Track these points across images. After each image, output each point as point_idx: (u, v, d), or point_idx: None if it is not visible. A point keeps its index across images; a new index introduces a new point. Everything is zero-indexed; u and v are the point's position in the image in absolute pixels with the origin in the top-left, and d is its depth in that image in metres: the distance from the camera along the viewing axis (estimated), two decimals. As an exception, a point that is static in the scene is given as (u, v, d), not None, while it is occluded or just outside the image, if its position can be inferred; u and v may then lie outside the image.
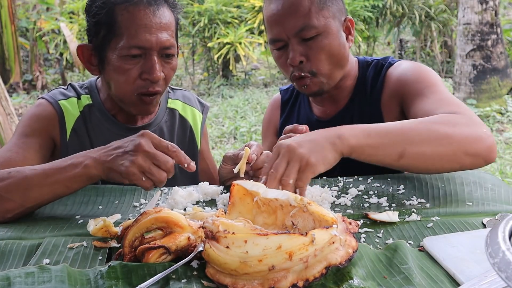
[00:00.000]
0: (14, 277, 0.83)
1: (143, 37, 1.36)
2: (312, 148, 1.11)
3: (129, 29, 1.36)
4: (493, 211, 1.10)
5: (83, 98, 1.55)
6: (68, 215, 1.21)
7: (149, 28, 1.36)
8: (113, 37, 1.37)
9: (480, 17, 6.38)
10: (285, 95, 1.79)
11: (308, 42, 1.43)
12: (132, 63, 1.38)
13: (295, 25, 1.42)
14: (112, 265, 0.87)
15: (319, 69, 1.45)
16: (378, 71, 1.55)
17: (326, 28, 1.43)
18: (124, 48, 1.36)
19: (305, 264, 0.79)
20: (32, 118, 1.48)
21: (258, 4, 8.38)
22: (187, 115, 1.69)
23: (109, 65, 1.40)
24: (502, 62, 6.48)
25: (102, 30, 1.39)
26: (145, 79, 1.39)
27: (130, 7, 1.37)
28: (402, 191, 1.24)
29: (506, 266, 0.57)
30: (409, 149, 1.14)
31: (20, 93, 8.80)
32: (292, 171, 1.08)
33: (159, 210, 0.95)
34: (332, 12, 1.45)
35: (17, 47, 9.06)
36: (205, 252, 0.83)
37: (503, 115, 5.94)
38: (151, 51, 1.37)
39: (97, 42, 1.41)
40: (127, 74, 1.38)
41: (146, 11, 1.37)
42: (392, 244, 0.93)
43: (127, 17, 1.37)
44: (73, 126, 1.51)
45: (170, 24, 1.42)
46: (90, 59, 1.46)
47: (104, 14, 1.38)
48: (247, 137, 5.58)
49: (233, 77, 8.87)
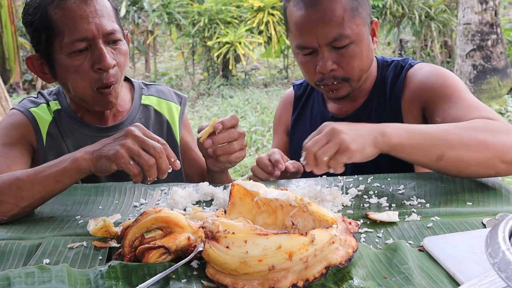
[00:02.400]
0: (14, 277, 0.83)
1: (82, 28, 1.34)
2: (355, 137, 1.13)
3: (67, 25, 1.35)
4: (493, 211, 1.10)
5: (51, 104, 1.55)
6: (68, 215, 1.21)
7: (86, 18, 1.35)
8: (55, 38, 1.36)
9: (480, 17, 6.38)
10: (299, 90, 1.77)
11: (340, 50, 1.42)
12: (81, 58, 1.37)
13: (329, 35, 1.39)
14: (112, 265, 0.87)
15: (352, 75, 1.45)
16: (398, 72, 1.55)
17: (358, 37, 1.42)
18: (67, 45, 1.35)
19: (305, 264, 0.79)
20: (7, 128, 1.48)
21: (258, 4, 8.38)
22: (162, 110, 1.66)
23: (60, 67, 1.39)
24: (502, 62, 6.48)
25: (42, 34, 1.39)
26: (98, 69, 1.37)
27: (61, 3, 1.36)
28: (402, 191, 1.24)
29: (506, 266, 0.57)
30: (448, 152, 1.16)
31: (20, 93, 8.80)
32: (330, 150, 1.12)
33: (159, 210, 0.95)
34: (363, 18, 1.44)
35: (17, 47, 9.05)
36: (205, 252, 0.83)
37: (503, 115, 5.94)
38: (95, 40, 1.36)
39: (42, 48, 1.41)
40: (79, 70, 1.37)
41: (77, 3, 1.36)
42: (392, 244, 0.93)
43: (61, 14, 1.35)
44: (47, 130, 1.51)
45: (107, 9, 1.40)
46: (42, 68, 1.46)
47: (38, 18, 1.37)
48: (247, 137, 5.58)
49: (233, 77, 8.87)
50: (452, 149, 1.16)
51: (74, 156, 1.18)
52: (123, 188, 1.34)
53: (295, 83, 1.81)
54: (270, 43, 8.61)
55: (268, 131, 5.73)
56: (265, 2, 8.37)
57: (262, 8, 8.41)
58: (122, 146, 1.13)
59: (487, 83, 6.42)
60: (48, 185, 1.18)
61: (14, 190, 1.17)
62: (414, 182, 1.28)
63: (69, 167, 1.17)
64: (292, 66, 9.32)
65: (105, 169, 1.15)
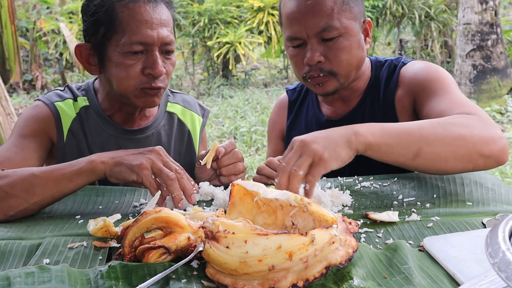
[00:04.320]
0: (14, 277, 0.83)
1: (145, 33, 1.36)
2: (327, 144, 1.10)
3: (130, 25, 1.36)
4: (493, 211, 1.10)
5: (79, 100, 1.55)
6: (68, 215, 1.21)
7: (150, 24, 1.37)
8: (114, 34, 1.38)
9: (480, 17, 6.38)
10: (292, 95, 1.76)
11: (328, 42, 1.42)
12: (134, 59, 1.38)
13: (317, 25, 1.40)
14: (112, 265, 0.87)
15: (338, 69, 1.44)
16: (391, 72, 1.54)
17: (347, 30, 1.42)
18: (126, 44, 1.37)
19: (305, 264, 0.79)
20: (29, 120, 1.48)
21: (258, 4, 8.38)
22: (186, 120, 1.67)
23: (110, 62, 1.40)
24: (502, 62, 6.49)
25: (101, 28, 1.39)
26: (148, 74, 1.39)
27: (130, 3, 1.38)
28: (402, 191, 1.24)
29: (506, 266, 0.57)
30: (425, 148, 1.14)
31: (20, 93, 8.81)
32: (303, 164, 1.08)
33: (159, 210, 0.95)
34: (354, 14, 1.44)
35: (17, 47, 9.06)
36: (205, 252, 0.83)
37: (503, 115, 5.94)
38: (153, 46, 1.38)
39: (96, 40, 1.41)
40: (130, 70, 1.38)
41: (146, 7, 1.38)
42: (392, 244, 0.93)
43: (128, 14, 1.37)
44: (69, 127, 1.51)
45: (169, 21, 1.43)
46: (89, 59, 1.46)
47: (103, 12, 1.38)
48: (247, 137, 5.58)
49: (233, 77, 8.87)
50: (429, 145, 1.14)
51: (91, 158, 1.20)
52: (123, 188, 1.34)
53: (288, 88, 1.80)
54: (270, 43, 8.61)
55: (268, 131, 5.72)
56: (265, 2, 8.38)
57: (262, 8, 8.41)
58: (148, 159, 1.17)
59: (487, 83, 6.42)
60: (61, 184, 1.19)
61: (27, 185, 1.18)
62: (414, 182, 1.28)
63: (85, 168, 1.19)
64: (292, 66, 9.32)
65: (122, 176, 1.18)
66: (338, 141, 1.11)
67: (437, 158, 1.15)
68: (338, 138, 1.12)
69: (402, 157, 1.15)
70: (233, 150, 1.39)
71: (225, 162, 1.37)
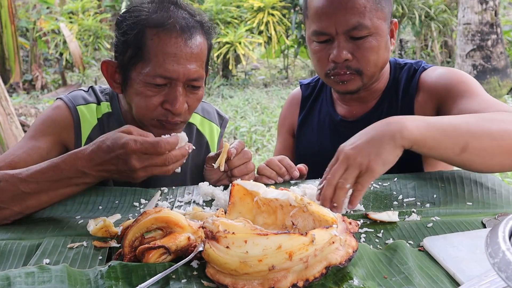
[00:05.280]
0: (14, 277, 0.83)
1: (170, 67, 1.28)
2: (371, 151, 1.07)
3: (157, 56, 1.29)
4: (493, 211, 1.10)
5: (102, 105, 1.49)
6: (68, 215, 1.21)
7: (178, 58, 1.29)
8: (140, 61, 1.30)
9: (480, 17, 6.38)
10: (306, 90, 1.72)
11: (357, 41, 1.39)
12: (155, 91, 1.31)
13: (348, 22, 1.36)
14: (112, 265, 0.87)
15: (365, 69, 1.41)
16: (411, 76, 1.51)
17: (377, 30, 1.39)
18: (149, 75, 1.29)
19: (305, 264, 0.79)
20: (46, 122, 1.43)
21: (258, 4, 8.38)
22: (204, 130, 1.62)
23: (132, 88, 1.34)
24: (502, 62, 6.49)
25: (129, 50, 1.32)
26: (166, 109, 1.32)
27: (162, 33, 1.29)
28: (402, 191, 1.24)
29: (506, 266, 0.57)
30: (473, 143, 1.11)
31: (20, 93, 8.80)
32: (350, 177, 1.07)
33: (159, 210, 0.95)
34: (385, 14, 1.41)
35: (17, 47, 9.06)
36: (205, 252, 0.83)
37: (503, 115, 5.93)
38: (177, 81, 1.31)
39: (123, 61, 1.35)
40: (149, 101, 1.31)
41: (177, 39, 1.29)
42: (392, 244, 0.93)
43: (157, 43, 1.29)
44: (89, 134, 1.45)
45: (202, 54, 1.34)
46: (114, 76, 1.40)
47: (134, 34, 1.31)
48: (247, 137, 5.58)
49: (233, 77, 8.87)
50: (476, 139, 1.11)
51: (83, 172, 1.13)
52: (123, 188, 1.34)
53: (302, 82, 1.76)
54: (270, 43, 8.61)
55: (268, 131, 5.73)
56: (265, 2, 8.38)
57: (262, 8, 8.42)
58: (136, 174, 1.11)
59: (487, 83, 6.42)
60: (54, 196, 1.16)
61: (19, 199, 1.15)
62: (414, 182, 1.28)
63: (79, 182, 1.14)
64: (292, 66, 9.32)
65: None
66: (383, 143, 1.08)
67: (484, 152, 1.12)
68: (382, 139, 1.08)
69: (449, 151, 1.12)
70: (243, 150, 1.36)
71: (236, 162, 1.33)
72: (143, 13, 1.32)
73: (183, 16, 1.33)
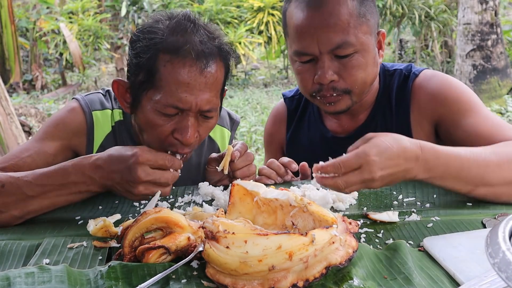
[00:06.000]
0: (14, 277, 0.83)
1: (182, 97, 1.20)
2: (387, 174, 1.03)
3: (169, 85, 1.20)
4: (493, 211, 1.10)
5: (115, 112, 1.45)
6: (68, 216, 1.21)
7: (192, 88, 1.20)
8: (151, 87, 1.22)
9: (480, 17, 6.38)
10: (291, 104, 1.61)
11: (342, 59, 1.29)
12: (165, 120, 1.23)
13: (332, 41, 1.27)
14: (112, 265, 0.87)
15: (354, 88, 1.32)
16: (402, 82, 1.43)
17: (363, 46, 1.29)
18: (160, 103, 1.21)
19: (305, 264, 0.79)
20: (58, 125, 1.40)
21: (258, 4, 8.38)
22: (216, 136, 1.58)
23: (142, 113, 1.26)
24: (502, 62, 6.49)
25: (141, 74, 1.24)
26: (176, 138, 1.24)
27: (176, 60, 1.20)
28: (402, 191, 1.24)
29: (506, 266, 0.57)
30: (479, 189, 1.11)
31: (20, 93, 8.81)
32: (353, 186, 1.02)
33: (159, 210, 0.95)
34: (370, 26, 1.31)
35: (17, 47, 9.06)
36: (205, 252, 0.83)
37: (503, 115, 5.94)
38: (189, 111, 1.22)
39: (135, 83, 1.27)
40: (159, 130, 1.24)
41: (192, 68, 1.20)
42: (392, 244, 0.93)
43: (170, 71, 1.20)
44: (102, 142, 1.42)
45: (217, 83, 1.25)
46: (125, 96, 1.32)
47: (146, 58, 1.22)
48: (247, 137, 5.59)
49: (233, 77, 8.88)
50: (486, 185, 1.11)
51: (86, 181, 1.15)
52: (123, 188, 1.34)
53: (286, 95, 1.64)
54: (270, 43, 8.62)
55: (268, 131, 5.72)
56: (265, 2, 8.38)
57: (262, 8, 8.42)
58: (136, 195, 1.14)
59: (487, 83, 6.42)
60: (57, 202, 1.17)
61: (20, 204, 1.15)
62: (414, 182, 1.28)
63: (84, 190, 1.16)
64: (292, 66, 9.31)
65: None
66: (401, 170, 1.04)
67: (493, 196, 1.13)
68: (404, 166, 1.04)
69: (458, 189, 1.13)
70: (246, 152, 1.34)
71: (239, 165, 1.32)
72: (158, 35, 1.22)
73: (200, 40, 1.23)
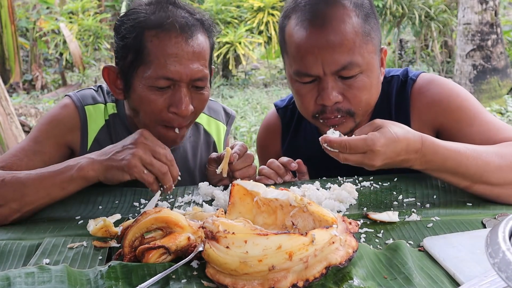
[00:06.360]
0: (14, 277, 0.83)
1: (172, 68, 1.24)
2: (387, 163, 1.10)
3: (158, 58, 1.25)
4: (493, 211, 1.10)
5: (108, 106, 1.47)
6: (68, 216, 1.21)
7: (180, 58, 1.24)
8: (141, 64, 1.27)
9: (480, 17, 6.38)
10: (284, 115, 1.55)
11: (347, 80, 1.24)
12: (159, 94, 1.27)
13: (338, 62, 1.21)
14: (112, 265, 0.87)
15: (358, 109, 1.28)
16: (400, 89, 1.40)
17: (368, 66, 1.25)
18: (151, 78, 1.25)
19: (305, 264, 0.79)
20: (52, 121, 1.41)
21: (258, 4, 8.38)
22: (211, 130, 1.59)
23: (135, 93, 1.30)
24: (502, 62, 6.49)
25: (129, 54, 1.29)
26: (173, 112, 1.28)
27: (161, 33, 1.25)
28: (402, 191, 1.24)
29: (506, 266, 0.57)
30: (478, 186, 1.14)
31: (20, 93, 8.80)
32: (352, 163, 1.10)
33: (159, 210, 0.95)
34: (375, 45, 1.27)
35: (17, 47, 9.06)
36: (205, 252, 0.83)
37: (503, 115, 5.94)
38: (181, 82, 1.26)
39: (124, 66, 1.31)
40: (153, 106, 1.27)
41: (178, 39, 1.25)
42: (392, 244, 0.93)
43: (157, 45, 1.25)
44: (95, 136, 1.44)
45: (204, 53, 1.29)
46: (116, 82, 1.36)
47: (132, 38, 1.27)
48: (247, 137, 5.59)
49: (233, 77, 8.87)
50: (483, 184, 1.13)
51: (80, 165, 1.16)
52: (123, 188, 1.34)
53: (278, 105, 1.57)
54: (270, 43, 8.61)
55: (268, 131, 5.72)
56: (265, 2, 8.38)
57: (262, 8, 8.41)
58: (134, 155, 1.13)
59: (487, 83, 6.42)
60: (53, 192, 1.18)
61: (18, 195, 1.16)
62: (414, 182, 1.28)
63: (76, 176, 1.16)
64: (292, 66, 9.30)
65: (116, 179, 1.16)
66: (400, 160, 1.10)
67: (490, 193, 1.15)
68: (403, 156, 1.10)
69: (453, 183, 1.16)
70: (245, 153, 1.34)
71: (238, 166, 1.31)
72: (141, 15, 1.28)
73: (182, 15, 1.29)
